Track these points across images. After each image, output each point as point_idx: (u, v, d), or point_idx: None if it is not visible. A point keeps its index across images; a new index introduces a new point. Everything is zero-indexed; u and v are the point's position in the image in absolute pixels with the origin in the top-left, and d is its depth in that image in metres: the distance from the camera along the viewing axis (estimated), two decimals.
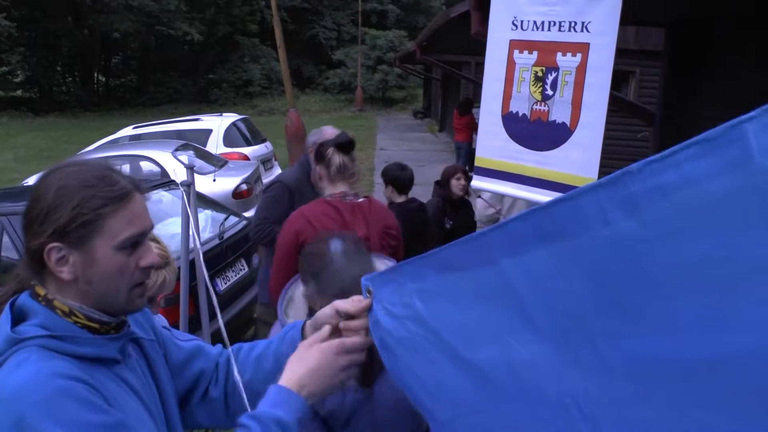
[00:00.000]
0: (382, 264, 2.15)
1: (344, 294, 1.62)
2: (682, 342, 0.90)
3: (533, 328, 1.12)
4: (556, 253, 1.03)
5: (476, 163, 4.13)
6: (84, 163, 1.35)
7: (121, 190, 1.30)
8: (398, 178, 4.83)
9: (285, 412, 1.33)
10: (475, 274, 1.19)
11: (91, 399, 1.19)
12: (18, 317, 1.27)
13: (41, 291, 1.29)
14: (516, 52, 3.83)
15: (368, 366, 1.82)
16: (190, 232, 2.79)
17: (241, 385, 1.55)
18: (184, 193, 2.03)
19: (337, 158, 3.20)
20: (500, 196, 5.09)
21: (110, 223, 1.27)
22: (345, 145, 3.23)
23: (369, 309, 1.46)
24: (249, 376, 1.57)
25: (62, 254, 1.26)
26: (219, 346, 1.70)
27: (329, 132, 4.13)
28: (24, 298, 1.30)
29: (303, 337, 1.57)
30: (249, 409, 1.49)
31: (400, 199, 4.82)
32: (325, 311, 1.55)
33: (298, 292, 2.06)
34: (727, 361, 0.86)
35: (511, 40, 3.81)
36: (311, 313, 1.96)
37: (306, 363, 1.40)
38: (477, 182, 4.19)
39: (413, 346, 1.36)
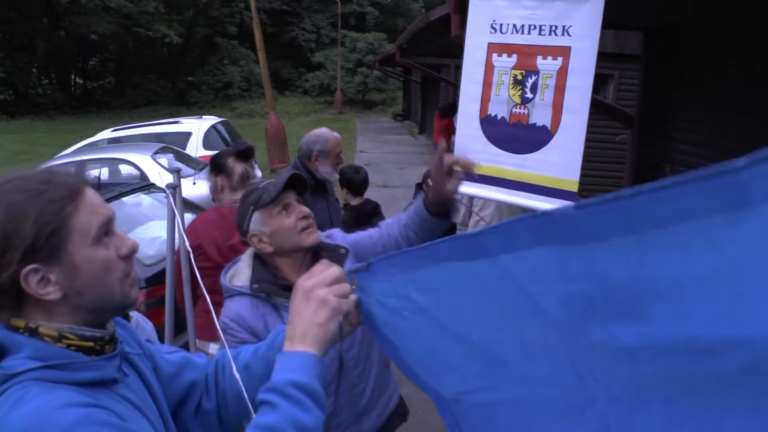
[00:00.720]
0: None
1: (276, 199, 2.09)
2: (696, 324, 0.91)
3: (542, 313, 1.12)
4: (555, 253, 1.04)
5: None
6: (20, 175, 1.20)
7: (72, 186, 1.20)
8: (352, 180, 4.90)
9: (298, 373, 1.22)
10: (473, 266, 1.18)
11: (111, 420, 1.11)
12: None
13: (19, 323, 1.17)
14: (495, 55, 3.83)
15: None
16: (176, 235, 2.77)
17: (241, 383, 1.47)
18: (170, 196, 2.02)
19: (239, 167, 3.37)
20: (490, 202, 5.12)
21: (77, 221, 1.17)
22: (245, 153, 3.41)
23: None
24: (239, 385, 1.49)
25: (41, 275, 1.15)
26: (204, 356, 1.63)
27: (325, 134, 4.17)
28: (1, 332, 1.17)
29: None
30: (252, 413, 1.42)
31: (356, 201, 4.92)
32: None
33: (237, 267, 2.25)
34: (745, 337, 0.87)
35: (489, 44, 3.81)
36: (256, 267, 2.18)
37: (296, 316, 1.31)
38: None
39: (413, 334, 1.35)
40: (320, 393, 1.23)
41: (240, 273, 2.22)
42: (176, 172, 2.17)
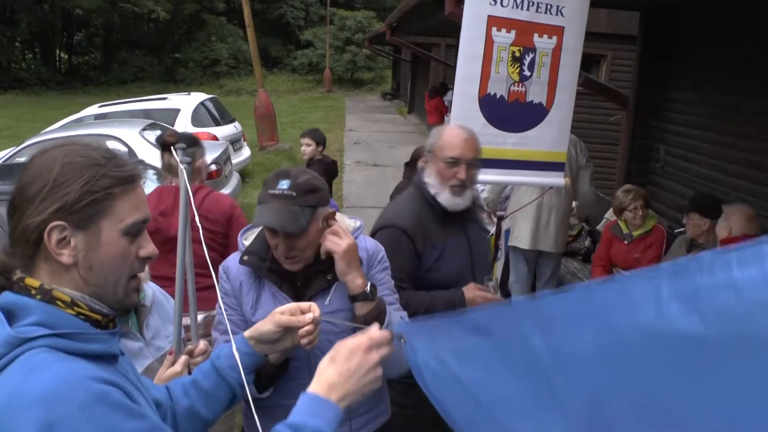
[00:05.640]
0: (351, 221, 2.28)
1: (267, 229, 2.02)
2: None
3: (563, 412, 1.08)
4: (591, 341, 0.95)
5: None
6: (88, 143, 1.26)
7: (130, 172, 1.24)
8: (325, 139, 6.26)
9: (323, 422, 1.29)
10: (505, 345, 1.17)
11: (127, 403, 1.12)
12: (5, 316, 1.16)
13: (34, 282, 1.18)
14: (494, 29, 3.76)
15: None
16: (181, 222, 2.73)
17: (239, 359, 1.56)
18: (184, 172, 1.96)
19: (162, 160, 3.57)
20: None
21: (119, 205, 1.21)
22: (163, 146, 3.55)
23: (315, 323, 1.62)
24: (187, 402, 1.54)
25: (64, 235, 1.16)
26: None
27: (443, 130, 2.99)
28: (9, 296, 1.18)
29: (251, 344, 1.62)
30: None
31: (320, 156, 6.14)
32: (266, 325, 1.63)
33: (255, 230, 2.26)
34: None
35: (489, 16, 3.73)
36: (259, 237, 2.18)
37: (336, 364, 1.37)
38: None
39: (455, 401, 1.36)
40: None
41: (252, 236, 2.24)
42: (182, 150, 2.11)
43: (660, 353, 0.85)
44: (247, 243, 2.22)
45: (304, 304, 1.65)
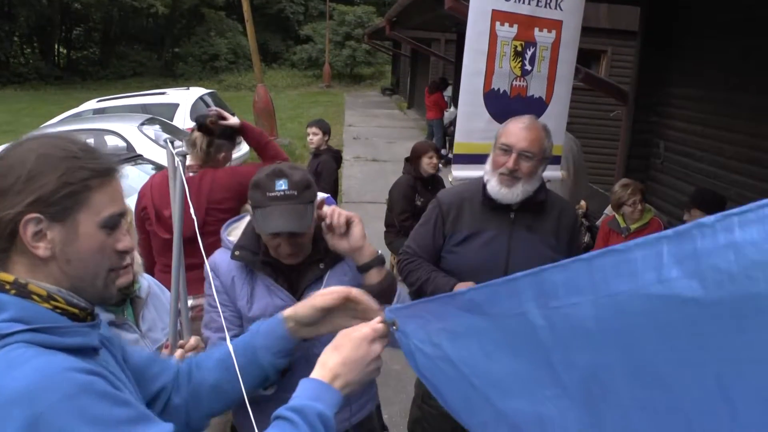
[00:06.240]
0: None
1: (271, 236, 1.95)
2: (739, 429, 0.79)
3: (560, 385, 1.08)
4: (591, 312, 0.95)
5: (455, 151, 3.89)
6: (64, 135, 1.25)
7: (107, 165, 1.23)
8: (330, 129, 6.40)
9: (325, 406, 1.29)
10: (502, 322, 1.15)
11: (112, 391, 1.10)
12: None
13: (8, 277, 1.15)
14: (498, 24, 3.78)
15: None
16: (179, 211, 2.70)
17: (238, 370, 1.50)
18: (180, 164, 1.93)
19: (191, 135, 3.44)
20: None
21: (96, 198, 1.19)
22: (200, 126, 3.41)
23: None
24: (215, 377, 1.52)
25: (40, 228, 1.14)
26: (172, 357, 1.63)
27: (515, 119, 2.81)
28: None
29: (287, 327, 1.54)
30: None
31: (325, 146, 6.26)
32: (306, 310, 1.53)
33: (238, 224, 2.27)
34: None
35: (493, 11, 3.76)
36: (247, 232, 2.15)
37: (340, 353, 1.36)
38: (458, 172, 3.82)
39: (450, 384, 1.36)
40: (334, 429, 1.30)
41: (237, 231, 2.23)
42: (170, 142, 2.09)
43: (658, 319, 0.84)
44: (231, 238, 2.20)
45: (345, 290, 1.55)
